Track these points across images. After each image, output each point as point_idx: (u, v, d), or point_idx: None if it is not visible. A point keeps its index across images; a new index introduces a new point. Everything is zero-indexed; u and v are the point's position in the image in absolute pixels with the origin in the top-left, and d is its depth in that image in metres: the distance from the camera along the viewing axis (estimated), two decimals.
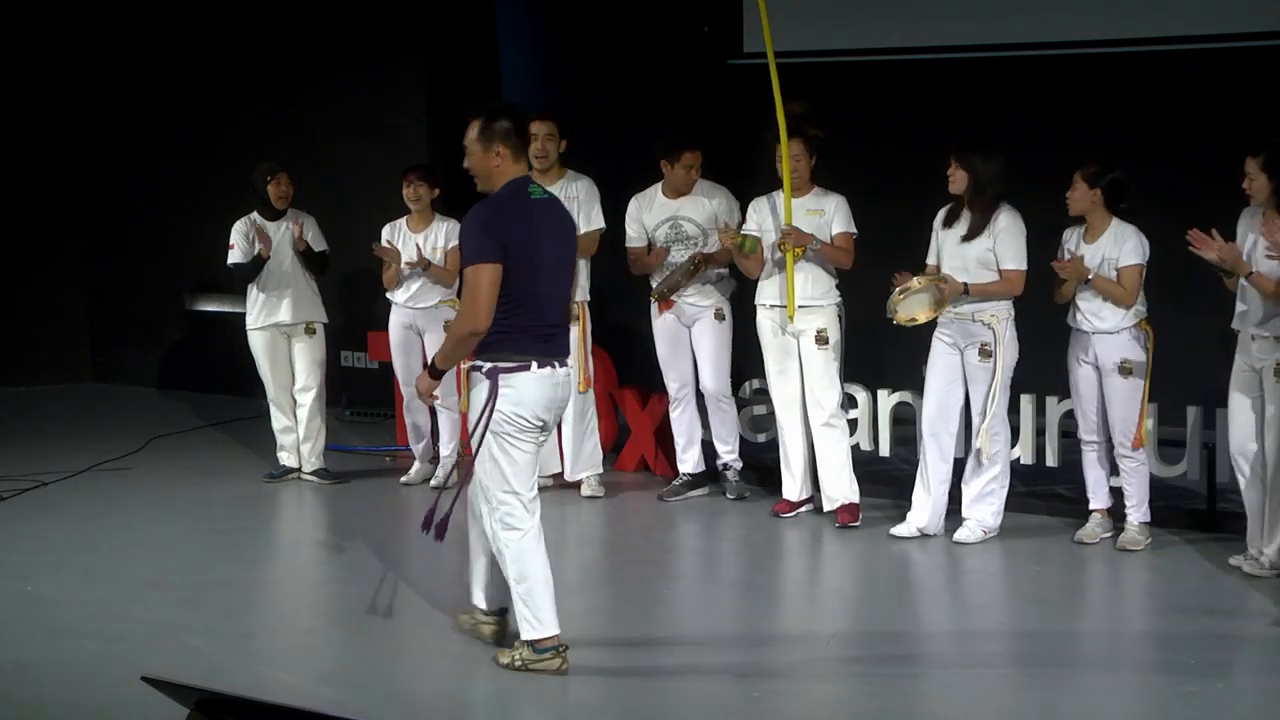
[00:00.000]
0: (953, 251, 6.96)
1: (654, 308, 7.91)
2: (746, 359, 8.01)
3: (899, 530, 7.17)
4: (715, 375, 7.87)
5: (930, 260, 7.10)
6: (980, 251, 6.90)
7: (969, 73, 8.86)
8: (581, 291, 7.93)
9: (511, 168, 5.44)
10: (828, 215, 7.36)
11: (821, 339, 7.40)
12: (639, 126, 9.58)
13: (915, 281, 6.89)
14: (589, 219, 7.89)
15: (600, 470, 8.15)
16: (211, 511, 7.90)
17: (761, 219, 7.48)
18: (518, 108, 5.64)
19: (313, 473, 8.48)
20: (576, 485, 8.08)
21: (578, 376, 7.91)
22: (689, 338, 7.91)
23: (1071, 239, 6.91)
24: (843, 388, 7.56)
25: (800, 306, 7.36)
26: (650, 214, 7.86)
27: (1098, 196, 6.74)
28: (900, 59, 9.04)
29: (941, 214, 7.10)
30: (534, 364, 5.34)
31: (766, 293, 7.49)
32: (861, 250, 7.42)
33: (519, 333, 5.33)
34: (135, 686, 4.30)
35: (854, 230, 7.39)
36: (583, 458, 8.07)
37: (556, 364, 5.43)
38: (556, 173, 7.88)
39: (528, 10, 9.98)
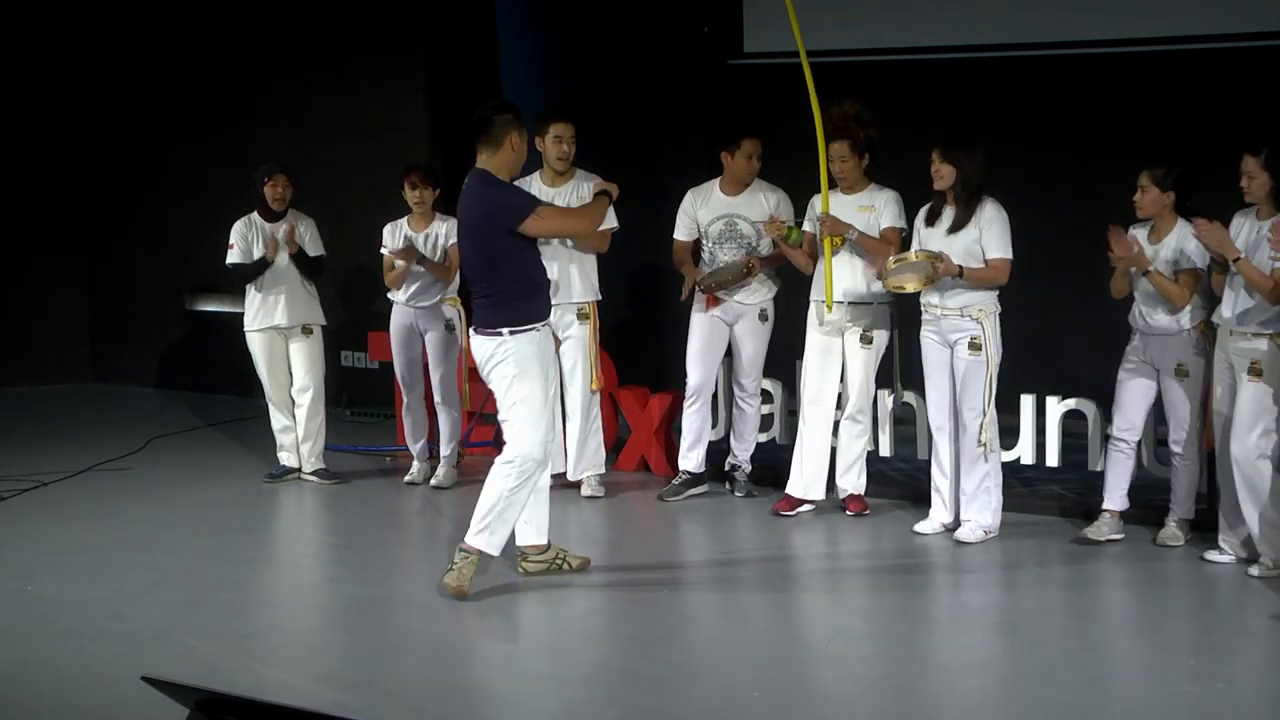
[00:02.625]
0: (940, 245, 6.96)
1: (697, 301, 7.86)
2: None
3: (922, 527, 7.20)
4: (753, 373, 7.87)
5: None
6: (967, 243, 6.92)
7: (968, 72, 8.85)
8: (591, 291, 7.93)
9: None
10: (879, 211, 7.34)
11: (866, 339, 7.39)
12: (639, 126, 9.60)
13: (912, 254, 6.91)
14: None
15: (602, 470, 8.14)
16: (211, 512, 7.90)
17: (814, 215, 7.45)
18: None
19: (313, 473, 8.48)
20: (577, 485, 8.08)
21: (589, 375, 7.94)
22: (728, 335, 7.89)
23: (1138, 239, 6.79)
24: (899, 389, 7.56)
25: (851, 303, 7.36)
26: (706, 209, 7.78)
27: (1170, 199, 6.66)
28: (899, 59, 9.04)
29: (923, 212, 7.11)
30: None
31: (822, 288, 7.44)
32: None
33: None
34: (135, 686, 4.30)
35: (901, 225, 7.34)
36: (585, 457, 8.05)
37: None
38: (570, 172, 7.88)
39: (528, 9, 9.98)
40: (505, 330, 6.21)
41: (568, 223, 6.72)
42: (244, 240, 8.27)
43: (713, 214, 7.77)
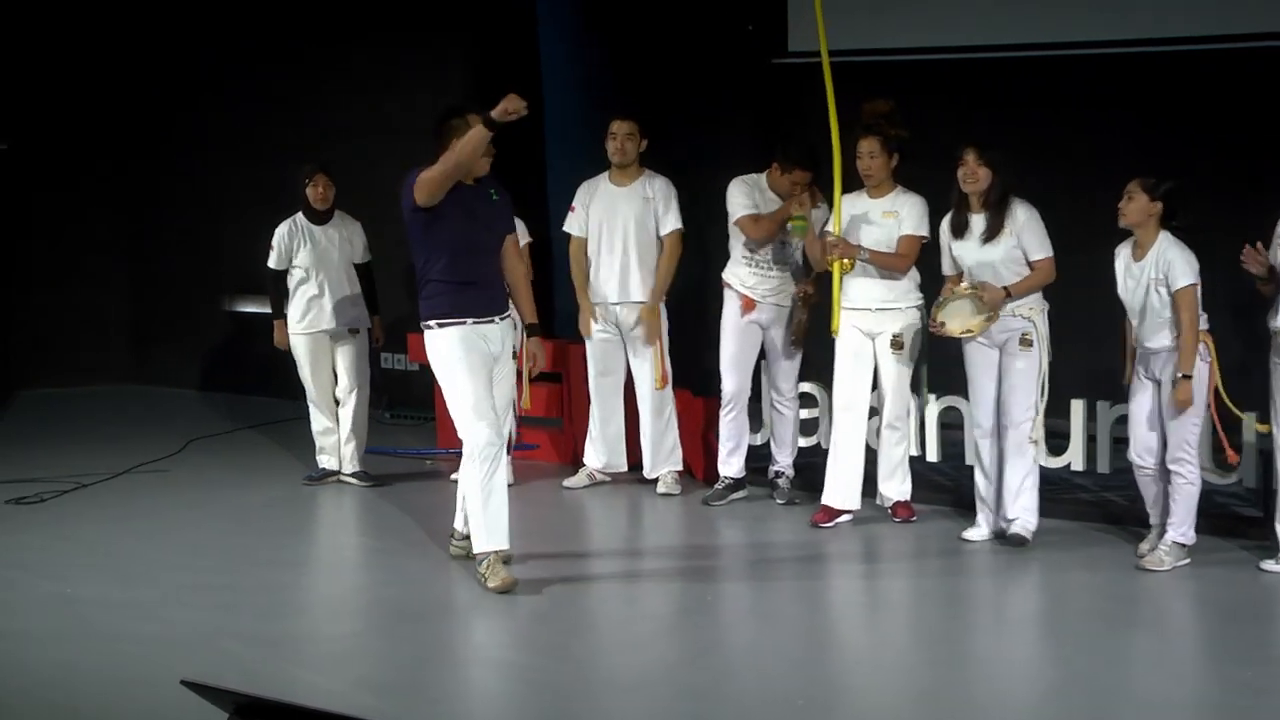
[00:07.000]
0: (976, 257, 6.82)
1: (729, 305, 7.80)
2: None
3: (970, 534, 7.09)
4: (790, 377, 7.82)
5: (947, 270, 6.99)
6: (1006, 249, 6.77)
7: (987, 73, 8.77)
8: (659, 294, 8.03)
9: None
10: (901, 218, 7.21)
11: (896, 344, 7.28)
12: (681, 126, 9.53)
13: (958, 289, 6.79)
14: (664, 222, 7.97)
15: (679, 468, 8.17)
16: (250, 514, 7.89)
17: (841, 219, 7.34)
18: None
19: (352, 475, 8.46)
20: (653, 482, 8.15)
21: (654, 374, 7.97)
22: (762, 340, 7.81)
23: (1120, 259, 6.62)
24: (925, 394, 7.46)
25: (879, 309, 7.26)
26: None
27: (1157, 209, 6.45)
28: (924, 59, 8.97)
29: (945, 225, 6.95)
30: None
31: (851, 295, 7.30)
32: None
33: None
34: (174, 690, 4.26)
35: (922, 233, 7.19)
36: (662, 454, 8.12)
37: None
38: (635, 171, 8.00)
39: (569, 8, 9.94)
40: (434, 323, 6.34)
41: (448, 159, 6.22)
42: (282, 244, 8.27)
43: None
